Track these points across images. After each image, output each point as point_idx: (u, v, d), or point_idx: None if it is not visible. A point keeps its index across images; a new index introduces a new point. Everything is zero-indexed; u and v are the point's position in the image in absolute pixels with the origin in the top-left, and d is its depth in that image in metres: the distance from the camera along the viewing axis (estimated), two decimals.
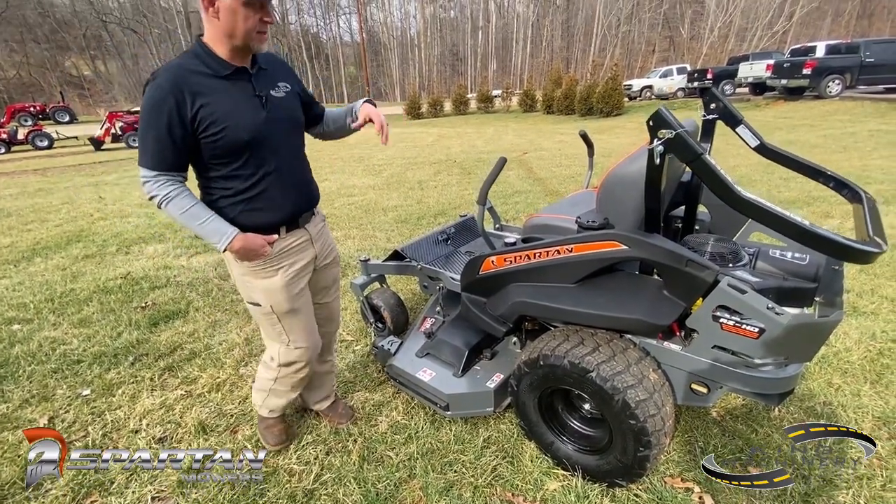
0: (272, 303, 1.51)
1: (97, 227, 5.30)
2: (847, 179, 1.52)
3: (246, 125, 1.30)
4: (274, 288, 1.49)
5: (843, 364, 2.20)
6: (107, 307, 3.16)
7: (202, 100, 1.24)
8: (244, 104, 1.32)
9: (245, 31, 1.24)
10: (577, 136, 2.59)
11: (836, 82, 13.58)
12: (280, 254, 1.48)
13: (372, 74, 52.66)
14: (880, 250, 1.05)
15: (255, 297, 1.51)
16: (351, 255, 3.94)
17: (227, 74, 1.29)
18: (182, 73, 1.23)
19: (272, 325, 1.57)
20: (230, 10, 1.20)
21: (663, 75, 22.85)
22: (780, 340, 1.22)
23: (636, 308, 1.41)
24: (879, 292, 2.83)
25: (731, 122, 1.70)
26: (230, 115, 1.28)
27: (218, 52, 1.29)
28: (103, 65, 52.75)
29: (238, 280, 1.53)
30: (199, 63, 1.27)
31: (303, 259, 1.56)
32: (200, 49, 1.28)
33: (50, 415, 2.09)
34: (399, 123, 22.60)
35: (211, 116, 1.25)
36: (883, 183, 5.32)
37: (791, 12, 40.18)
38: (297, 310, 1.56)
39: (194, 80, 1.24)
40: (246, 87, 1.33)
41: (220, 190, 1.38)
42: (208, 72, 1.26)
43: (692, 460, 1.70)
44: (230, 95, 1.29)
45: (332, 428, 1.94)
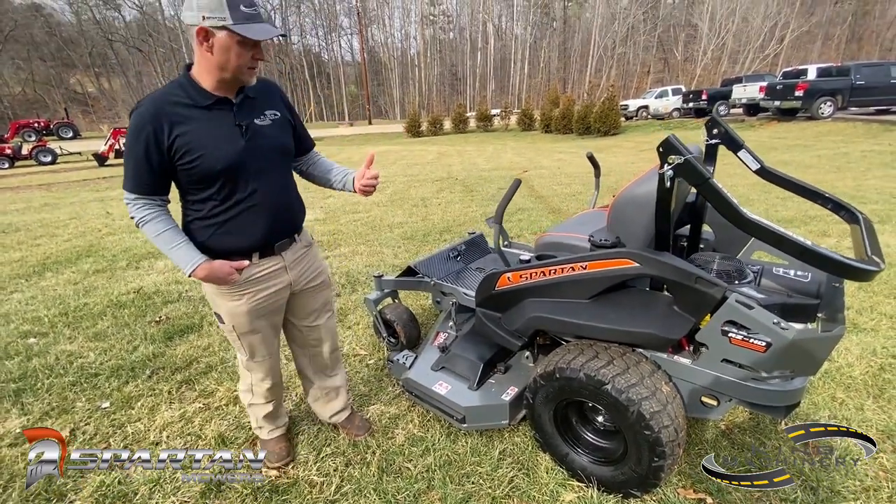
0: (234, 323, 1.57)
1: (106, 242, 5.36)
2: (844, 201, 1.61)
3: (221, 154, 1.34)
4: (238, 311, 1.54)
5: (846, 379, 2.27)
6: (121, 321, 3.21)
7: (179, 129, 1.29)
8: (222, 134, 1.35)
9: (236, 67, 1.29)
10: (577, 155, 2.72)
11: (827, 104, 13.92)
12: (248, 280, 1.51)
13: (372, 93, 53.54)
14: (879, 269, 1.13)
15: (220, 312, 1.58)
16: (359, 271, 4.01)
17: (208, 105, 1.33)
18: (162, 103, 1.29)
19: (233, 340, 1.65)
20: (224, 47, 1.25)
21: (659, 96, 23.35)
22: (786, 354, 1.29)
23: (648, 323, 1.48)
24: (878, 309, 2.91)
25: (733, 147, 1.80)
26: (206, 144, 1.32)
27: (203, 84, 1.33)
28: (108, 82, 53.54)
29: (206, 293, 1.59)
30: (182, 93, 1.32)
31: (276, 285, 1.58)
32: (185, 80, 1.33)
33: (71, 427, 2.12)
34: (400, 141, 22.92)
35: (187, 145, 1.30)
36: (877, 203, 5.45)
37: (782, 36, 41.27)
38: (259, 330, 1.62)
39: (174, 109, 1.30)
40: (226, 117, 1.37)
41: (195, 212, 1.44)
42: (189, 102, 1.31)
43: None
44: (208, 125, 1.34)
45: (350, 440, 1.98)
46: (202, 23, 1.21)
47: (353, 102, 61.90)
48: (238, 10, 1.21)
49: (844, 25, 46.01)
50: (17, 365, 2.66)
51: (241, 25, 1.22)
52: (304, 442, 2.00)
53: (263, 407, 1.84)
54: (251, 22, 1.24)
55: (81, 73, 51.39)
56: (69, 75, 51.14)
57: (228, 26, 1.21)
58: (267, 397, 1.81)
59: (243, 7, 1.22)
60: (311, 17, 57.38)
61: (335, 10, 56.80)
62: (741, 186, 6.67)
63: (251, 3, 1.25)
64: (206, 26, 1.21)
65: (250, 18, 1.24)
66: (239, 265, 1.47)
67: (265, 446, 1.89)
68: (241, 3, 1.22)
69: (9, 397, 2.36)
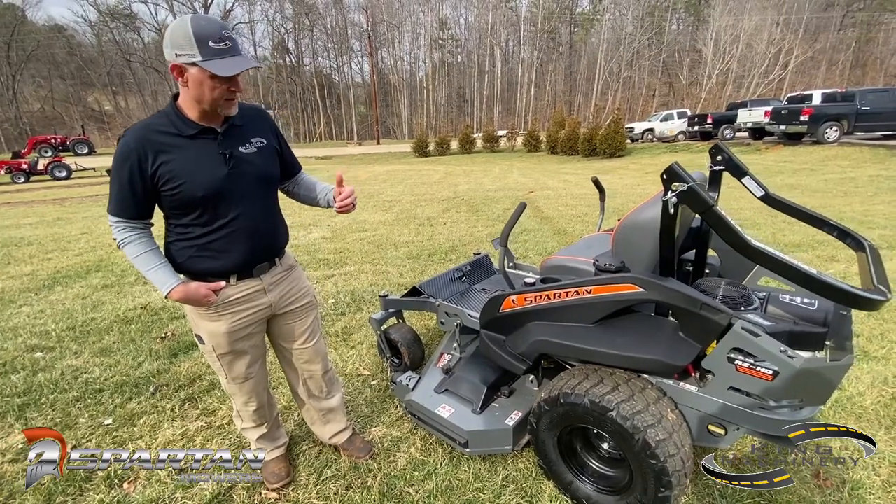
0: (213, 343, 1.58)
1: (116, 258, 5.43)
2: (849, 229, 1.61)
3: (202, 182, 1.38)
4: (217, 332, 1.56)
5: (857, 409, 2.22)
6: (127, 337, 3.23)
7: (163, 157, 1.34)
8: (204, 162, 1.40)
9: (212, 100, 1.33)
10: (582, 177, 2.76)
11: (833, 128, 13.97)
12: (226, 301, 1.53)
13: (381, 113, 54.49)
14: (885, 299, 1.12)
15: (200, 333, 1.59)
16: (365, 290, 4.02)
17: (192, 134, 1.38)
18: (147, 132, 1.34)
19: (212, 361, 1.65)
20: (197, 82, 1.29)
21: (664, 119, 23.59)
22: (794, 383, 1.27)
23: (654, 349, 1.47)
24: (889, 337, 2.86)
25: (737, 174, 1.82)
26: (188, 172, 1.36)
27: (188, 114, 1.38)
28: (124, 100, 55.00)
29: (187, 314, 1.60)
30: (168, 123, 1.37)
31: (255, 307, 1.60)
32: (172, 110, 1.39)
33: (73, 443, 2.12)
34: (407, 160, 23.21)
35: (169, 173, 1.35)
36: (886, 228, 5.41)
37: (786, 62, 41.74)
38: (239, 352, 1.63)
39: (159, 139, 1.34)
40: (210, 146, 1.41)
41: (176, 234, 1.48)
42: (174, 131, 1.36)
43: (712, 503, 1.70)
44: (192, 154, 1.38)
45: (352, 463, 1.96)
46: (175, 60, 1.27)
47: (361, 122, 62.98)
48: (207, 47, 1.25)
49: (848, 52, 46.49)
50: (22, 379, 2.67)
51: (210, 61, 1.26)
52: (304, 464, 1.98)
53: (255, 430, 1.85)
54: (222, 57, 1.28)
55: (99, 92, 52.93)
56: (87, 93, 52.70)
57: (198, 62, 1.25)
58: (256, 420, 1.81)
59: (212, 43, 1.26)
60: (324, 39, 58.89)
61: (347, 34, 58.32)
62: (748, 210, 6.66)
63: (220, 38, 1.27)
64: (178, 63, 1.27)
65: (220, 53, 1.27)
66: (215, 286, 1.50)
67: (264, 468, 1.88)
68: (210, 40, 1.25)
69: (13, 412, 2.37)
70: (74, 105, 50.19)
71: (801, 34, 42.67)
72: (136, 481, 1.91)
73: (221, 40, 1.27)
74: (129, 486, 1.88)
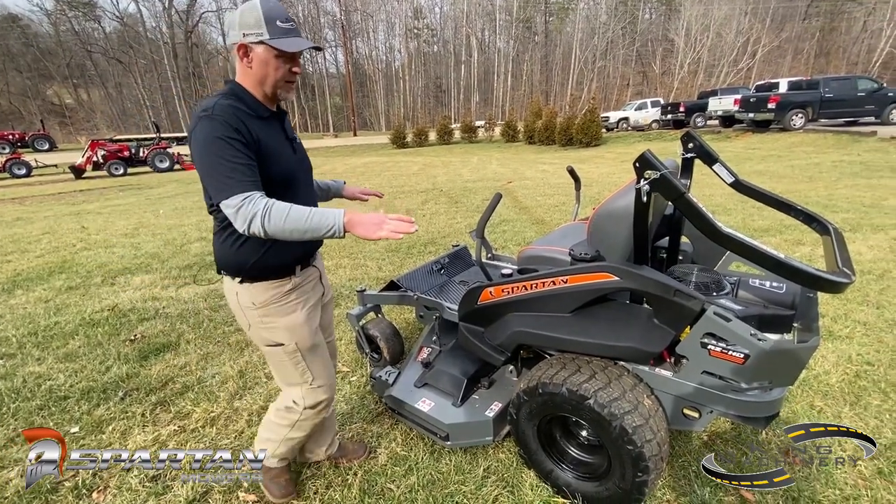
0: (297, 339, 1.49)
1: (80, 258, 5.21)
2: (815, 213, 1.65)
3: (286, 165, 1.39)
4: (297, 323, 1.49)
5: (823, 387, 2.30)
6: (93, 340, 3.10)
7: (257, 134, 1.29)
8: (283, 145, 1.41)
9: (275, 80, 1.33)
10: (560, 166, 2.75)
11: (798, 116, 14.42)
12: (297, 289, 1.50)
13: (357, 105, 53.65)
14: (849, 281, 1.15)
15: (278, 336, 1.48)
16: (343, 285, 3.96)
17: (266, 116, 1.37)
18: (234, 110, 1.26)
19: (296, 364, 1.52)
20: (263, 61, 1.30)
21: (638, 108, 23.92)
22: (764, 365, 1.30)
23: (629, 336, 1.49)
24: (852, 317, 2.98)
25: (708, 161, 1.84)
26: (276, 153, 1.35)
27: (255, 96, 1.36)
28: (86, 93, 52.62)
29: (256, 324, 1.47)
30: (241, 104, 1.31)
31: (315, 295, 1.59)
32: (240, 90, 1.34)
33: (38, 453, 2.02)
34: (385, 153, 22.95)
35: (265, 149, 1.31)
36: (848, 212, 5.63)
37: (754, 51, 42.82)
38: (318, 345, 1.57)
39: (243, 116, 1.28)
40: (280, 130, 1.42)
41: None
42: (251, 112, 1.32)
43: (687, 485, 1.74)
44: (272, 135, 1.37)
45: (331, 462, 1.93)
46: (242, 39, 1.27)
47: (337, 114, 61.91)
48: (274, 26, 1.27)
49: (813, 41, 47.98)
50: None
51: (277, 40, 1.28)
52: None
53: (300, 440, 1.69)
54: (287, 36, 1.30)
55: (59, 85, 50.44)
56: (46, 86, 50.15)
57: (265, 41, 1.27)
58: (313, 428, 1.67)
59: (279, 23, 1.28)
60: None
61: (320, 24, 56.99)
62: (719, 196, 6.83)
63: (287, 19, 1.30)
64: (245, 42, 1.28)
65: (287, 33, 1.30)
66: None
67: (271, 476, 1.74)
68: (278, 19, 1.28)
69: None
70: (33, 99, 47.70)
71: (767, 23, 43.81)
72: (106, 490, 1.84)
73: (287, 21, 1.30)
74: (99, 495, 1.81)
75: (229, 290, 1.47)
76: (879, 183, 7.34)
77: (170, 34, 50.23)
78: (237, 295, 1.45)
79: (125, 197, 10.69)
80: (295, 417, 1.60)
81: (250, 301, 1.44)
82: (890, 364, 2.45)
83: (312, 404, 1.58)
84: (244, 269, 1.40)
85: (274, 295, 1.45)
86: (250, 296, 1.43)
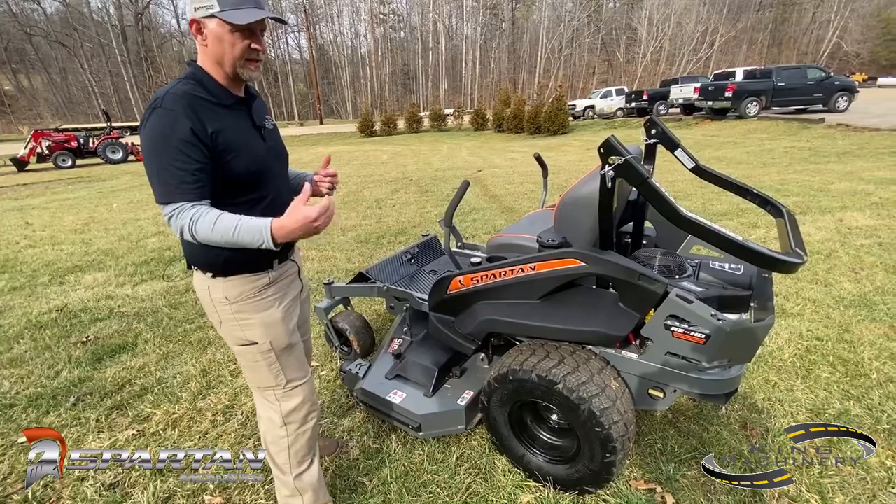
0: (271, 338, 1.39)
1: (25, 256, 4.87)
2: (769, 196, 1.71)
3: (253, 156, 1.27)
4: (274, 320, 1.39)
5: (777, 362, 2.43)
6: (41, 344, 2.91)
7: (215, 125, 1.18)
8: (249, 135, 1.29)
9: (233, 59, 1.20)
10: (529, 154, 2.75)
11: (753, 104, 15.04)
12: (274, 284, 1.40)
13: (323, 92, 52.24)
14: (802, 261, 1.19)
15: (252, 334, 1.37)
16: (311, 277, 3.87)
17: (230, 104, 1.25)
18: (188, 98, 1.16)
19: (269, 364, 1.41)
20: (217, 37, 1.17)
21: (604, 96, 24.34)
22: (724, 344, 1.34)
23: (596, 321, 1.51)
24: (803, 295, 3.14)
25: (670, 146, 1.87)
26: (240, 145, 1.23)
27: (217, 79, 1.24)
28: (27, 79, 48.98)
29: (228, 320, 1.37)
30: (203, 90, 1.20)
31: (293, 292, 1.50)
32: (200, 73, 1.22)
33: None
34: (353, 141, 22.50)
35: (223, 143, 1.19)
36: (799, 195, 5.92)
37: (712, 41, 44.24)
38: (294, 345, 1.47)
39: (202, 105, 1.18)
40: (246, 118, 1.30)
41: None
42: (213, 100, 1.21)
43: (653, 462, 1.80)
44: (236, 125, 1.25)
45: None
46: (194, 14, 1.16)
47: (302, 101, 60.11)
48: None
49: (766, 31, 50.01)
50: None
51: (227, 12, 1.14)
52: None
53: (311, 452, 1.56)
54: (240, 7, 1.16)
55: None
56: None
57: (216, 13, 1.14)
58: (311, 438, 1.53)
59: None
60: None
61: (281, 6, 54.83)
62: (681, 182, 7.05)
63: None
64: (196, 17, 1.16)
65: (239, 4, 1.16)
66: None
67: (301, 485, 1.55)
68: None
69: None
70: None
71: (724, 14, 45.27)
72: (59, 501, 1.73)
73: None
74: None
75: (200, 285, 1.36)
76: (826, 168, 7.75)
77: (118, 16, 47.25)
78: (209, 289, 1.33)
79: (74, 190, 10.06)
80: (283, 433, 1.47)
81: (223, 295, 1.33)
82: (837, 338, 2.60)
83: (290, 409, 1.47)
84: (217, 263, 1.29)
85: (249, 290, 1.34)
86: (223, 290, 1.32)
